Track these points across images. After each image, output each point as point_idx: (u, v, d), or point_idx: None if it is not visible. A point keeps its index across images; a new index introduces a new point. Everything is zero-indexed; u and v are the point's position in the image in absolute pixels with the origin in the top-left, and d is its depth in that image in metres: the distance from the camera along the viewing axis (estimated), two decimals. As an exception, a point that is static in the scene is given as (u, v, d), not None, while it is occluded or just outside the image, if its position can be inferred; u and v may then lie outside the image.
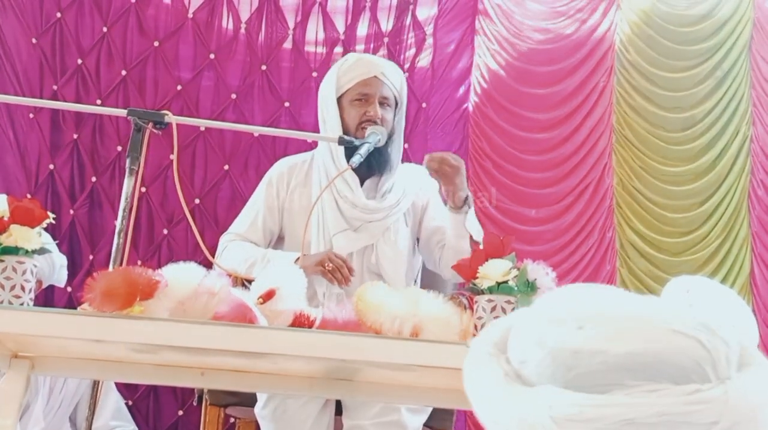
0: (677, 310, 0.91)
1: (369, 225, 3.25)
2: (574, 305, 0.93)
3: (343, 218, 3.25)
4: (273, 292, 2.33)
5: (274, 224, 3.35)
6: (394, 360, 2.19)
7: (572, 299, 0.94)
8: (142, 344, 2.17)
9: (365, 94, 3.26)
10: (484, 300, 2.31)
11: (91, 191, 4.63)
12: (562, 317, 0.92)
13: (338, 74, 3.30)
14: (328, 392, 2.59)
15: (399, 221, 3.31)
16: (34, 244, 2.28)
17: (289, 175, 3.38)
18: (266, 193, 3.38)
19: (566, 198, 5.00)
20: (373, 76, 3.28)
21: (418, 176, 3.39)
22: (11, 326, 2.16)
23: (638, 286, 4.93)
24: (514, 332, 0.95)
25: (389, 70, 3.33)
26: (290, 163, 3.43)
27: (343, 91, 3.28)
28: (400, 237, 3.30)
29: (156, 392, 4.54)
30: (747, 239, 5.02)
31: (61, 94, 4.62)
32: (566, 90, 5.08)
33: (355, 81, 3.27)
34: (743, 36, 5.13)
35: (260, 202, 3.37)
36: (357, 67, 3.30)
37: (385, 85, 3.29)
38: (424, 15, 4.96)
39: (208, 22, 4.78)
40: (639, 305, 0.93)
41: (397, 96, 3.33)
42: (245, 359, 2.25)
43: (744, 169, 5.07)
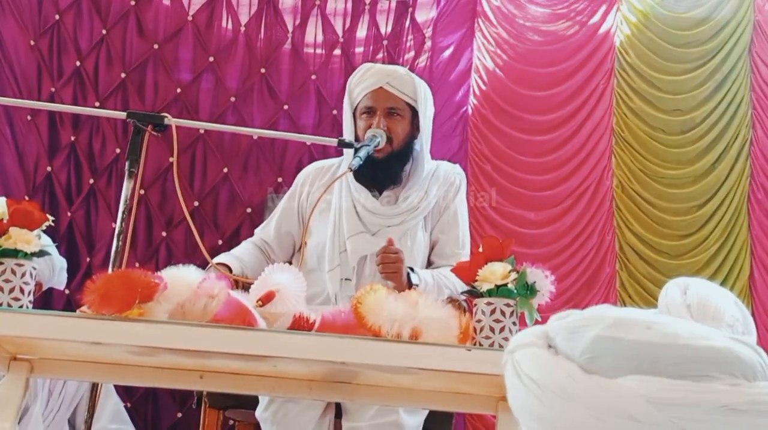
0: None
1: (387, 230, 3.23)
2: (625, 311, 1.04)
3: (361, 222, 3.24)
4: (272, 294, 2.33)
5: (290, 224, 3.36)
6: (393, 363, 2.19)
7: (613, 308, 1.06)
8: (141, 346, 2.17)
9: (370, 107, 3.26)
10: (483, 303, 2.30)
11: (88, 193, 4.63)
12: (629, 318, 1.01)
13: (350, 87, 3.32)
14: (328, 394, 2.58)
15: (417, 227, 3.27)
16: (33, 246, 2.28)
17: (314, 177, 3.39)
18: (288, 195, 3.41)
19: (566, 201, 5.00)
20: (379, 87, 3.26)
21: (447, 176, 3.35)
22: (10, 329, 2.16)
23: (637, 288, 4.93)
24: (567, 335, 1.03)
25: (396, 79, 3.29)
26: (318, 166, 3.44)
27: (355, 104, 3.29)
28: (417, 243, 3.26)
29: (155, 394, 4.54)
30: (746, 242, 5.02)
31: (59, 97, 4.62)
32: (566, 92, 5.08)
33: (363, 94, 3.27)
34: (743, 39, 5.13)
35: (283, 202, 3.40)
36: (364, 80, 3.29)
37: (391, 95, 3.26)
38: (423, 17, 4.96)
39: (207, 24, 4.78)
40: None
41: (411, 102, 3.28)
42: (244, 361, 2.25)
43: (743, 172, 5.07)
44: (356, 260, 3.20)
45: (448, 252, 3.28)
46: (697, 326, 1.01)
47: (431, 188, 3.30)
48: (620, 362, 0.98)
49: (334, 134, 4.34)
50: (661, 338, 0.98)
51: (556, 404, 0.99)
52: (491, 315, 2.28)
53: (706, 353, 0.97)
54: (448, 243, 3.31)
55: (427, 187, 3.29)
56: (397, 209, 3.24)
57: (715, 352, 0.97)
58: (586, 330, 1.01)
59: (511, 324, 2.29)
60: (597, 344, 1.00)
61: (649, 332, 0.99)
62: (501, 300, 2.29)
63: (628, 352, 0.98)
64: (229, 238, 4.63)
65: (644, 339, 0.98)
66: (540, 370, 1.02)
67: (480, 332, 2.28)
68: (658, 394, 0.95)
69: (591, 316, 1.03)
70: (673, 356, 0.97)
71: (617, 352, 0.98)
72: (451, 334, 2.26)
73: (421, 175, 3.28)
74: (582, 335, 1.01)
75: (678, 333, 0.98)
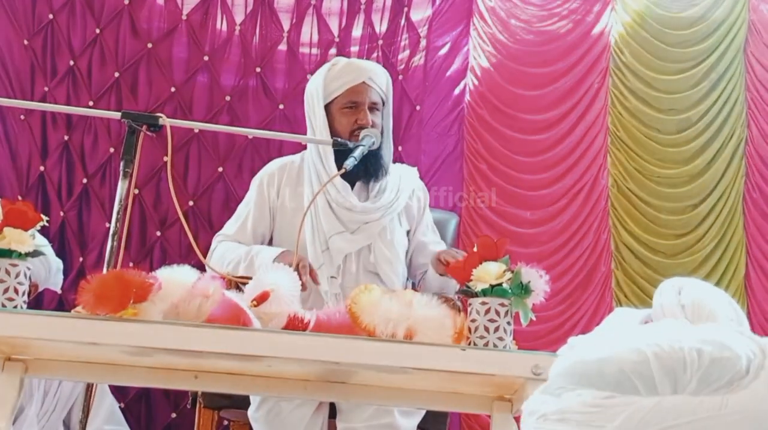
0: (673, 329, 1.01)
1: (366, 226, 3.26)
2: (603, 325, 1.11)
3: (338, 220, 3.24)
4: (267, 294, 2.33)
5: (264, 225, 3.35)
6: (388, 363, 2.19)
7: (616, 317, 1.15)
8: (135, 346, 2.17)
9: (355, 101, 3.26)
10: (477, 303, 2.30)
11: (81, 193, 4.62)
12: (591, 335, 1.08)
13: (326, 80, 3.29)
14: (322, 394, 2.58)
15: (394, 221, 3.32)
16: (28, 246, 2.28)
17: (279, 175, 3.37)
18: (257, 194, 3.37)
19: (561, 200, 5.00)
20: (362, 82, 3.28)
21: (410, 177, 3.42)
22: (5, 329, 2.16)
23: (633, 288, 4.93)
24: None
25: (376, 74, 3.33)
26: (280, 164, 3.42)
27: (331, 99, 3.28)
28: (396, 236, 3.31)
29: (149, 394, 4.53)
30: (742, 242, 5.02)
31: (53, 96, 4.61)
32: (561, 91, 5.08)
33: (345, 88, 3.27)
34: (738, 38, 5.13)
35: (251, 204, 3.37)
36: (345, 74, 3.29)
37: (373, 90, 3.29)
38: (419, 16, 4.95)
39: (202, 23, 4.77)
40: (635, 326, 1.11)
41: (384, 97, 3.34)
42: (239, 361, 2.25)
43: (739, 172, 5.08)
44: (340, 258, 3.22)
45: (426, 242, 3.38)
46: (642, 330, 1.04)
47: (402, 183, 3.34)
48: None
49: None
50: (565, 356, 1.04)
51: None
52: (486, 315, 2.28)
53: (570, 367, 1.01)
54: (433, 243, 3.39)
55: (399, 182, 3.32)
56: (372, 205, 3.26)
57: (576, 365, 1.00)
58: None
59: (505, 324, 2.29)
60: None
61: (568, 351, 1.06)
62: (496, 300, 2.29)
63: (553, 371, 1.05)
64: (224, 237, 4.63)
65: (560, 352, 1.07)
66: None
67: (475, 331, 2.28)
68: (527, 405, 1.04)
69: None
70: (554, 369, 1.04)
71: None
72: (446, 334, 2.26)
73: (387, 168, 3.30)
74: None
75: (586, 349, 1.02)
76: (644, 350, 0.97)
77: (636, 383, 0.96)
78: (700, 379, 0.95)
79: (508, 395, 2.34)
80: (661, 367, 0.96)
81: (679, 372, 0.95)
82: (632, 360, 0.96)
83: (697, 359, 0.95)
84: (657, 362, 0.96)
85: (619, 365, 0.96)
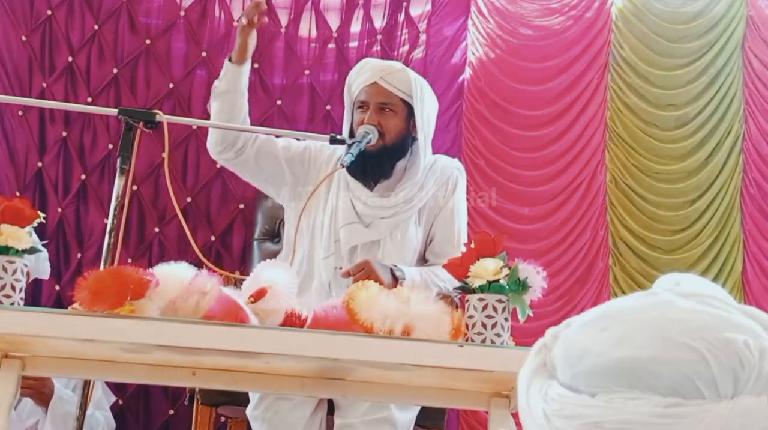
0: (711, 316, 0.90)
1: (380, 221, 3.25)
2: (608, 307, 0.95)
3: (355, 212, 3.25)
4: (264, 291, 2.33)
5: (277, 161, 3.33)
6: (385, 359, 2.19)
7: (619, 300, 0.97)
8: (133, 343, 2.17)
9: (364, 101, 3.27)
10: (475, 299, 2.31)
11: (79, 189, 4.62)
12: (594, 316, 0.94)
13: (349, 81, 3.34)
14: (320, 391, 2.59)
15: (409, 220, 3.27)
16: (25, 243, 2.28)
17: (321, 150, 3.36)
18: (303, 145, 3.36)
19: (559, 196, 5.00)
20: (373, 82, 3.28)
21: (444, 171, 3.35)
22: (2, 326, 2.17)
23: (630, 284, 4.93)
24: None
25: (391, 74, 3.29)
26: (321, 146, 3.39)
27: (354, 99, 3.32)
28: (408, 236, 3.27)
29: (147, 391, 4.53)
30: (739, 238, 5.02)
31: (51, 92, 4.60)
32: (559, 87, 5.07)
33: (359, 88, 3.29)
34: (736, 34, 5.13)
35: (289, 142, 3.37)
36: (360, 74, 3.32)
37: (385, 90, 3.27)
38: (418, 12, 4.95)
39: (200, 19, 4.76)
40: (663, 309, 0.92)
41: (406, 98, 3.28)
42: (237, 358, 2.25)
43: (736, 168, 5.08)
44: (347, 249, 3.21)
45: (441, 251, 3.27)
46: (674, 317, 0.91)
47: (428, 182, 3.30)
48: (558, 362, 0.95)
49: (327, 130, 4.33)
50: (592, 343, 0.92)
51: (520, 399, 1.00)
52: (483, 311, 2.29)
53: (613, 365, 0.89)
54: (443, 241, 3.31)
55: (424, 180, 3.30)
56: (389, 202, 3.25)
57: (622, 363, 0.89)
58: (570, 327, 0.99)
59: (503, 320, 2.30)
60: (558, 342, 0.98)
61: (598, 336, 0.93)
62: (493, 296, 2.29)
63: (562, 354, 0.95)
64: (221, 234, 4.63)
65: (578, 343, 0.93)
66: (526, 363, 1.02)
67: (472, 328, 2.29)
68: (551, 405, 0.92)
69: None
70: (583, 365, 0.92)
71: (558, 352, 0.95)
72: (443, 330, 2.26)
73: (419, 170, 3.28)
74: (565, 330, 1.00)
75: (617, 337, 0.91)
76: (698, 348, 0.87)
77: (699, 385, 0.86)
78: (757, 377, 0.87)
79: (505, 392, 2.34)
80: (720, 366, 0.86)
81: (738, 370, 0.86)
82: (688, 359, 0.86)
83: (749, 354, 0.87)
84: (715, 361, 0.86)
85: (676, 366, 0.86)
